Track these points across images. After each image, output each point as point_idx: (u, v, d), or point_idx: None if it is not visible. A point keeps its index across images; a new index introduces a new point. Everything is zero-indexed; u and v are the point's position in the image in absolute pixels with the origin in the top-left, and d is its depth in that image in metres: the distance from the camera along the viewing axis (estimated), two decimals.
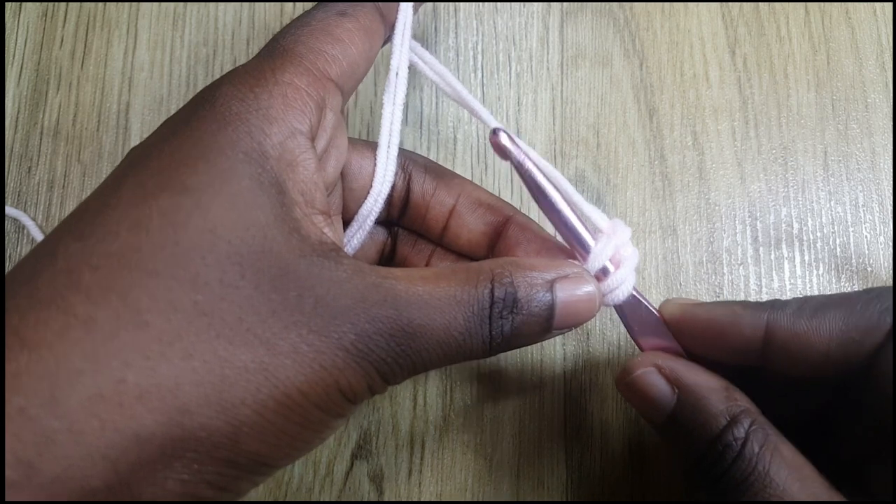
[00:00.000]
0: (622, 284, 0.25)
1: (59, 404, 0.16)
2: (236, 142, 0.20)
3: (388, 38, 0.26)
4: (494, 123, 0.26)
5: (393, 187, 0.26)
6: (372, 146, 0.26)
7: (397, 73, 0.26)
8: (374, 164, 0.25)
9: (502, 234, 0.27)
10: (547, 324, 0.22)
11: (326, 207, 0.22)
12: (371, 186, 0.25)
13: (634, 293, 0.26)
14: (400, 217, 0.28)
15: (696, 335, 0.25)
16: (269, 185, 0.20)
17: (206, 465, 0.18)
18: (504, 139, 0.24)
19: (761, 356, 0.23)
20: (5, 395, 0.16)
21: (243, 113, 0.20)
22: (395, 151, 0.26)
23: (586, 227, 0.25)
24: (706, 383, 0.23)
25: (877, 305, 0.22)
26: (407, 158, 0.27)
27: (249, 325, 0.18)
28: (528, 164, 0.24)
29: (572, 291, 0.23)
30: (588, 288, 0.23)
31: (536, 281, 0.22)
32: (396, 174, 0.26)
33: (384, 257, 0.29)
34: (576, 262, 0.24)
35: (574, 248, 0.25)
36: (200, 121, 0.20)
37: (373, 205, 0.26)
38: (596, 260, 0.24)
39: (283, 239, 0.19)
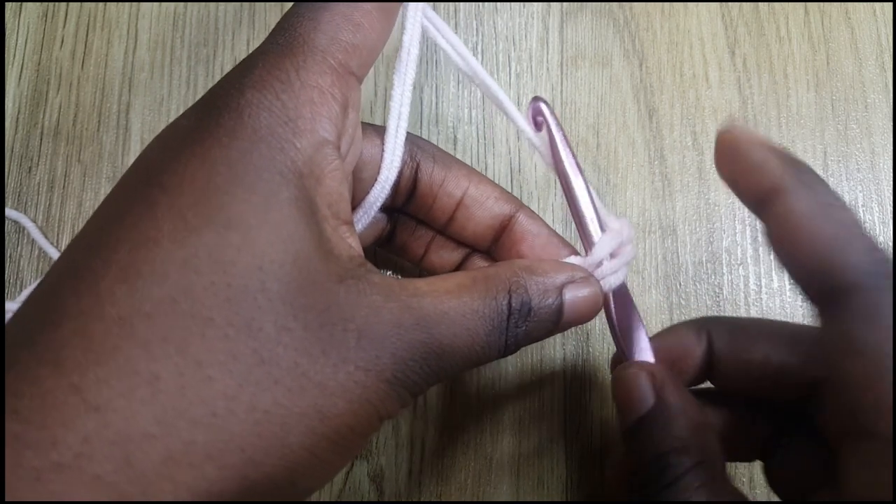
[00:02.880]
0: (613, 274, 0.25)
1: (134, 469, 0.16)
2: (271, 161, 0.19)
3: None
4: (512, 108, 0.26)
5: (400, 175, 0.26)
6: (379, 131, 0.25)
7: (409, 51, 0.24)
8: (382, 152, 0.25)
9: (507, 228, 0.27)
10: (554, 326, 0.23)
11: (349, 217, 0.21)
12: (378, 174, 0.25)
13: (625, 289, 0.26)
14: (404, 205, 0.28)
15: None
16: (304, 207, 0.19)
17: None
18: (545, 110, 0.26)
19: (706, 366, 0.24)
20: (80, 462, 0.15)
21: (273, 126, 0.19)
22: (402, 137, 0.25)
23: (598, 217, 0.26)
24: (684, 408, 0.23)
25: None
26: (415, 146, 0.27)
27: (304, 369, 0.18)
28: (560, 141, 0.26)
29: (578, 293, 0.23)
30: (593, 289, 0.24)
31: (548, 287, 0.23)
32: (404, 162, 0.26)
33: (381, 240, 0.29)
34: (581, 266, 0.25)
35: (581, 234, 0.26)
36: (229, 135, 0.19)
37: (379, 193, 0.25)
38: (599, 252, 0.25)
39: (322, 267, 0.19)
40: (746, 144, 0.21)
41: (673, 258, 0.34)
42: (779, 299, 0.33)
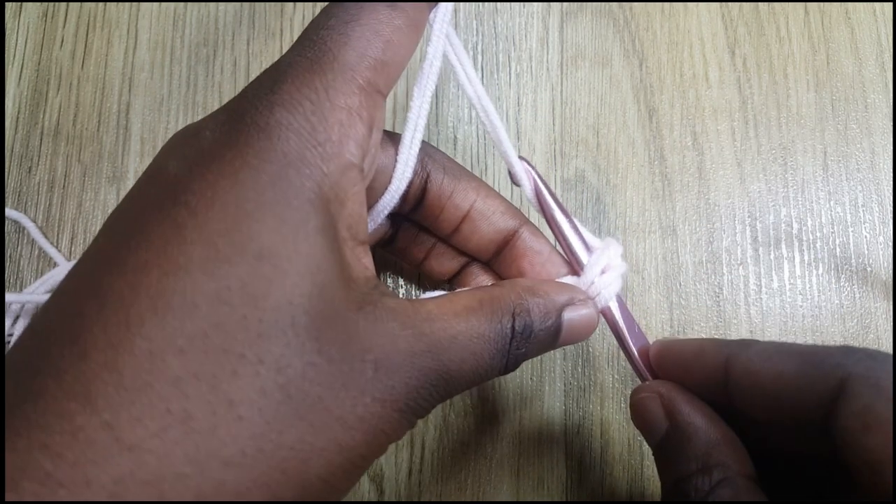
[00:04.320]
0: (605, 289, 0.26)
1: None
2: (300, 188, 0.19)
3: None
4: (511, 151, 0.27)
5: (410, 185, 0.26)
6: (392, 139, 0.25)
7: (432, 64, 0.24)
8: (395, 161, 0.25)
9: (510, 243, 0.28)
10: (552, 345, 0.24)
11: (366, 237, 0.21)
12: (389, 183, 0.25)
13: (617, 301, 0.26)
14: (411, 212, 0.28)
15: (670, 368, 0.25)
16: (329, 234, 0.19)
17: None
18: (528, 167, 0.27)
19: (725, 391, 0.23)
20: (114, 501, 0.15)
21: (302, 150, 0.19)
22: (416, 149, 0.25)
23: (584, 243, 0.27)
24: (698, 425, 0.23)
25: (831, 359, 0.21)
26: (427, 156, 0.26)
27: (327, 404, 0.18)
28: (544, 192, 0.27)
29: (575, 315, 0.24)
30: (589, 311, 0.24)
31: (549, 309, 0.23)
32: (415, 172, 0.26)
33: (382, 242, 0.29)
34: (579, 288, 0.26)
35: (572, 261, 0.27)
36: (259, 157, 0.18)
37: (388, 202, 0.25)
38: (591, 271, 0.26)
39: (343, 295, 0.19)
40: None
41: (673, 258, 0.34)
42: (779, 299, 0.33)
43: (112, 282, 0.17)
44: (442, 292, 0.24)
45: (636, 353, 0.26)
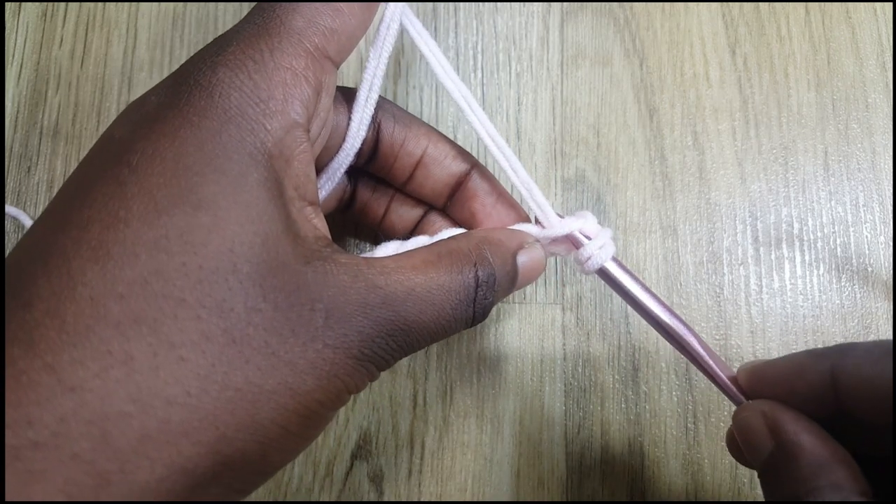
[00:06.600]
0: (599, 251, 0.26)
1: (111, 447, 0.16)
2: (240, 142, 0.19)
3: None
4: (471, 100, 0.27)
5: (363, 139, 0.26)
6: (347, 97, 0.25)
7: (388, 26, 0.25)
8: (349, 120, 0.25)
9: (463, 185, 0.28)
10: (509, 290, 0.25)
11: (315, 198, 0.22)
12: (343, 142, 0.25)
13: (615, 262, 0.26)
14: (365, 165, 0.28)
15: (765, 391, 0.24)
16: (273, 189, 0.19)
17: (237, 480, 0.19)
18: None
19: (833, 403, 0.22)
20: (58, 441, 0.16)
21: (244, 106, 0.19)
22: (371, 108, 0.25)
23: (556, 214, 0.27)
24: (806, 443, 0.21)
25: None
26: (376, 107, 0.27)
27: (274, 349, 0.18)
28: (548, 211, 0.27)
29: (527, 257, 0.25)
30: (539, 252, 0.26)
31: (507, 255, 0.24)
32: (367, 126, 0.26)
33: (343, 203, 0.29)
34: (527, 232, 0.26)
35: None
36: (199, 114, 0.19)
37: (344, 159, 0.25)
38: (559, 227, 0.26)
39: (290, 248, 0.19)
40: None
41: (673, 258, 0.34)
42: (780, 299, 0.33)
43: (56, 238, 0.18)
44: (397, 241, 0.24)
45: (724, 376, 0.25)
